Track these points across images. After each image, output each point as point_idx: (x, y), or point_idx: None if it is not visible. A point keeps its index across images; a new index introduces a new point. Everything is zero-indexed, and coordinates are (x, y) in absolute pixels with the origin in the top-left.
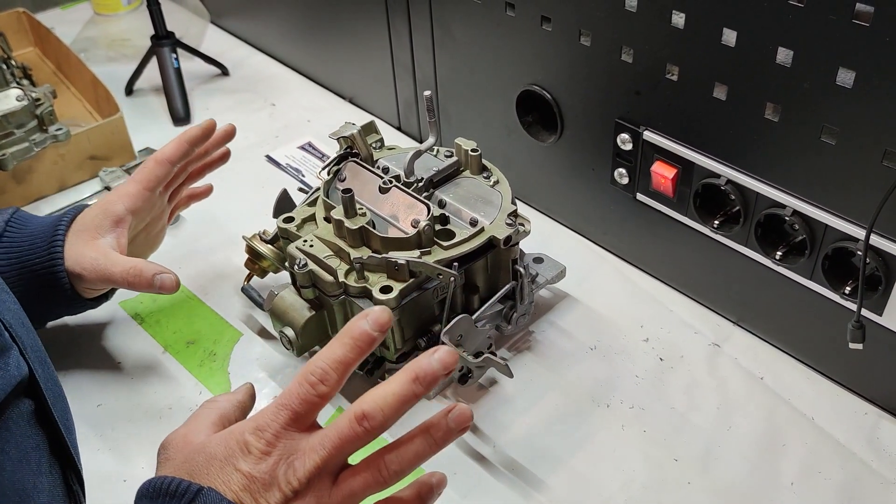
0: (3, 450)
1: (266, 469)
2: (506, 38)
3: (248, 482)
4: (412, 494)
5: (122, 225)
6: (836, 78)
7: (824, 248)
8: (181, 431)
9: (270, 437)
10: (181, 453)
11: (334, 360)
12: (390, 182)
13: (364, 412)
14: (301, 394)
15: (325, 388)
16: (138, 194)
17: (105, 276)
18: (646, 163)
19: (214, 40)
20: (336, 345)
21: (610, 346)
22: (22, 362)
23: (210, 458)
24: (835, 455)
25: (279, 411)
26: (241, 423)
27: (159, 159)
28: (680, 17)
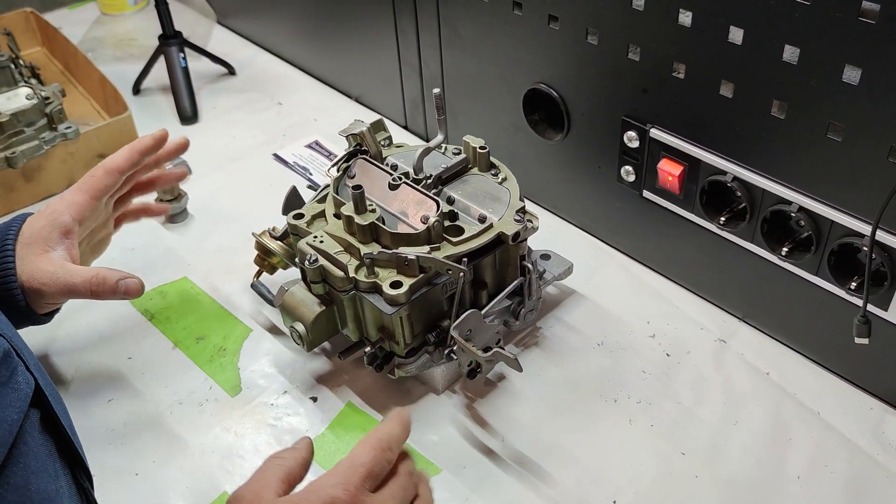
0: (25, 465)
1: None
2: (513, 37)
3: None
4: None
5: (71, 236)
6: (843, 75)
7: (830, 243)
8: (252, 488)
9: (353, 489)
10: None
11: (395, 436)
12: (400, 179)
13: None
14: (376, 457)
15: (391, 455)
16: (85, 203)
17: (67, 289)
18: (652, 160)
19: (221, 40)
20: (394, 425)
21: (617, 342)
22: (29, 376)
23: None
24: (841, 449)
25: (358, 468)
26: (319, 481)
27: (109, 169)
28: (687, 15)
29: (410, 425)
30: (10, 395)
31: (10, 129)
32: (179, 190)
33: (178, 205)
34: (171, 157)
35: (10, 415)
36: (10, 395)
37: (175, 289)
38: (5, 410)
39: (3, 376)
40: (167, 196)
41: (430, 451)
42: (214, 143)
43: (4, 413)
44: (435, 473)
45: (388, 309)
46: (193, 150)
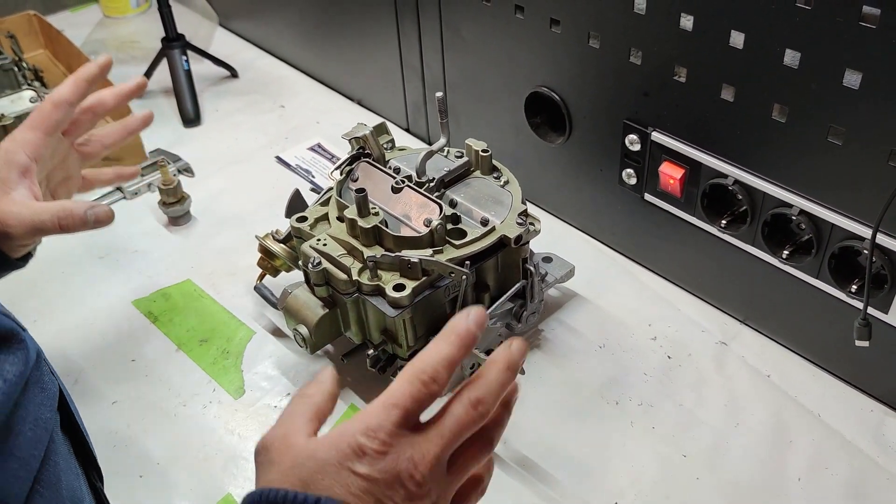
0: (55, 463)
1: (385, 468)
2: (515, 41)
3: (368, 485)
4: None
5: (30, 174)
6: (843, 79)
7: (831, 246)
8: (279, 432)
9: (385, 436)
10: (287, 457)
11: (443, 358)
12: (403, 182)
13: (479, 398)
14: (413, 393)
15: (436, 387)
16: (38, 140)
17: (35, 227)
18: (654, 163)
19: (223, 42)
20: (443, 344)
21: (618, 345)
22: (52, 378)
23: (322, 464)
24: (841, 451)
25: (390, 410)
26: (348, 424)
27: (56, 101)
28: (688, 19)
29: (474, 336)
30: (41, 395)
31: None
32: (182, 192)
33: (181, 207)
34: (126, 99)
35: (43, 413)
36: (41, 395)
37: (178, 291)
38: (38, 409)
39: (35, 376)
40: (170, 198)
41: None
42: (217, 145)
43: (39, 412)
44: None
45: (391, 311)
46: (196, 152)
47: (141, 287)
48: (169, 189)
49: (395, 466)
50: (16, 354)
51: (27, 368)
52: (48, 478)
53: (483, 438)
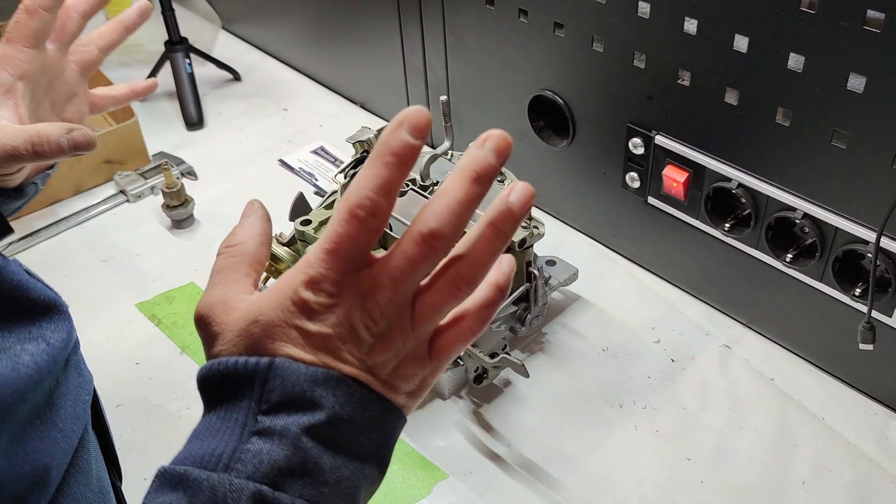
0: (88, 450)
1: (338, 321)
2: (518, 44)
3: (322, 341)
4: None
5: (13, 94)
6: (847, 83)
7: (834, 250)
8: (215, 295)
9: (329, 287)
10: (229, 325)
11: (379, 184)
12: (407, 185)
13: (431, 230)
14: (351, 233)
15: (374, 221)
16: (17, 54)
17: (7, 153)
18: (657, 167)
19: (226, 46)
20: (376, 166)
21: (622, 348)
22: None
23: (268, 326)
24: (845, 455)
25: (330, 258)
26: (287, 276)
27: (30, 8)
28: (692, 23)
29: (413, 148)
30: (79, 379)
31: None
32: (186, 195)
33: (185, 210)
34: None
35: (81, 395)
36: (79, 379)
37: (182, 294)
38: (78, 391)
39: (74, 360)
40: (174, 202)
41: (437, 457)
42: (220, 148)
43: (78, 393)
44: (442, 478)
45: None
46: (199, 155)
47: (144, 290)
48: (172, 192)
49: (349, 318)
50: (57, 324)
51: (70, 340)
52: (81, 464)
53: (449, 283)
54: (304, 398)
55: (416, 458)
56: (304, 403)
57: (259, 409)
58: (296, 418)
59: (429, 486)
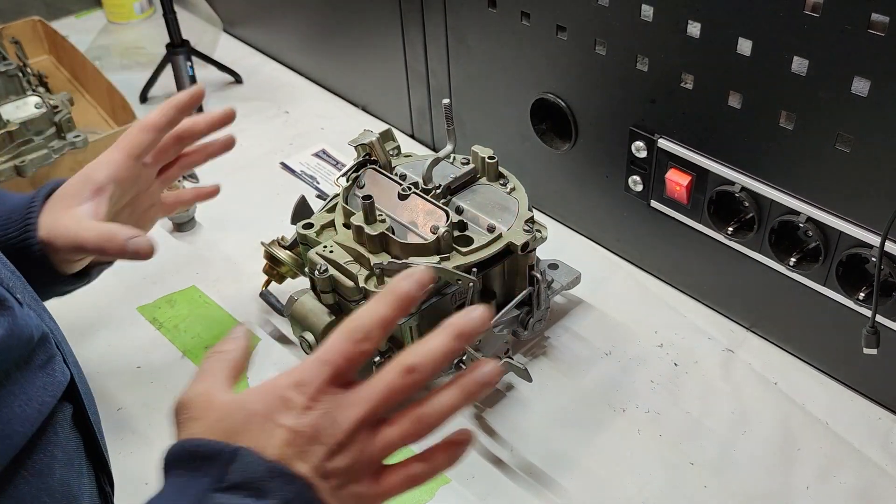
0: (52, 454)
1: (309, 423)
2: (521, 47)
3: (291, 437)
4: (442, 449)
5: (103, 193)
6: (852, 87)
7: (838, 254)
8: (199, 389)
9: (313, 391)
10: (211, 412)
11: (378, 318)
12: (409, 189)
13: (413, 364)
14: (345, 351)
15: (368, 346)
16: (120, 161)
17: (77, 242)
18: (660, 170)
19: (227, 48)
20: (380, 303)
21: (625, 352)
22: (65, 368)
23: (250, 415)
24: (849, 460)
25: (322, 367)
26: (280, 377)
27: (143, 126)
28: (695, 26)
29: (412, 298)
30: (45, 379)
31: (20, 137)
32: None
33: (186, 213)
34: (215, 127)
35: (42, 396)
36: (45, 379)
37: (184, 297)
38: (38, 391)
39: (41, 360)
40: None
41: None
42: None
43: (37, 393)
44: (444, 483)
45: None
46: None
47: (146, 293)
48: None
49: (318, 423)
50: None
51: (13, 337)
52: (38, 466)
53: (411, 420)
54: (258, 486)
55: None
56: (258, 491)
57: (217, 486)
58: (246, 501)
59: (431, 490)
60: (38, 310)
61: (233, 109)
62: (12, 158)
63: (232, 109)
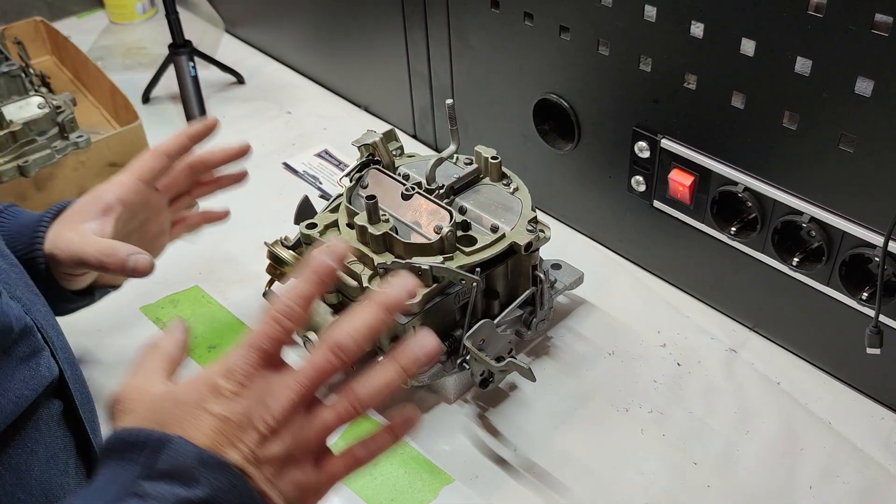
0: (32, 450)
1: (240, 409)
2: (524, 48)
3: (221, 424)
4: (386, 431)
5: (110, 213)
6: (855, 87)
7: (841, 254)
8: (133, 382)
9: (241, 377)
10: (144, 404)
11: (297, 295)
12: (413, 189)
13: (338, 342)
14: (268, 332)
15: (289, 324)
16: (130, 184)
17: (78, 257)
18: (663, 170)
19: (229, 49)
20: (299, 280)
21: (627, 352)
22: (53, 364)
23: (179, 404)
24: (852, 459)
25: (248, 352)
26: (208, 367)
27: (156, 152)
28: (699, 27)
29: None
30: (25, 373)
31: (23, 137)
32: None
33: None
34: (229, 160)
35: (19, 390)
36: (25, 373)
37: (186, 297)
38: (16, 384)
39: (22, 352)
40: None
41: (443, 461)
42: None
43: (13, 385)
44: (448, 482)
45: (401, 318)
46: None
47: (149, 293)
48: None
49: (248, 409)
50: None
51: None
52: (15, 462)
53: (343, 399)
54: (187, 474)
55: (422, 462)
56: (187, 479)
57: (144, 473)
58: (175, 489)
59: (435, 490)
60: (28, 303)
61: (248, 144)
62: (15, 159)
63: (248, 144)
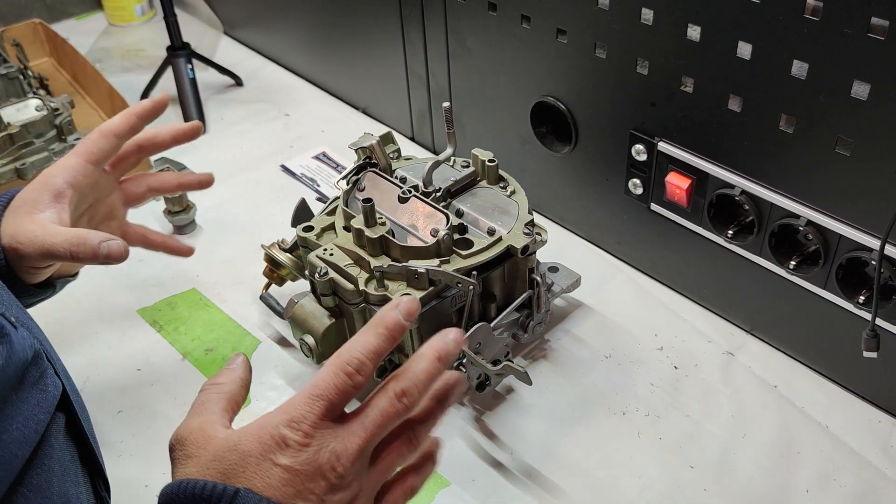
0: (49, 467)
1: (307, 459)
2: (521, 50)
3: (289, 476)
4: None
5: (63, 199)
6: (851, 90)
7: (838, 257)
8: (194, 424)
9: (308, 428)
10: (206, 450)
11: (369, 350)
12: (410, 192)
13: (404, 390)
14: (338, 384)
15: (360, 378)
16: (78, 167)
17: (45, 249)
18: (660, 173)
19: (228, 51)
20: (370, 335)
21: (625, 355)
22: (57, 381)
23: (244, 455)
24: (849, 463)
25: (314, 402)
26: (271, 415)
27: (103, 131)
28: (695, 30)
29: (402, 328)
30: (38, 396)
31: (20, 140)
32: (188, 201)
33: (186, 216)
34: (178, 140)
35: (37, 415)
36: (38, 396)
37: (184, 300)
38: (33, 410)
39: (33, 377)
40: (175, 207)
41: (439, 464)
42: (222, 154)
43: (32, 412)
44: (444, 486)
45: None
46: (201, 161)
47: (146, 296)
48: (174, 198)
49: (317, 458)
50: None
51: (9, 366)
52: (37, 482)
53: (408, 433)
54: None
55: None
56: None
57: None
58: None
59: (431, 493)
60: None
61: (199, 124)
62: (13, 161)
63: (199, 124)
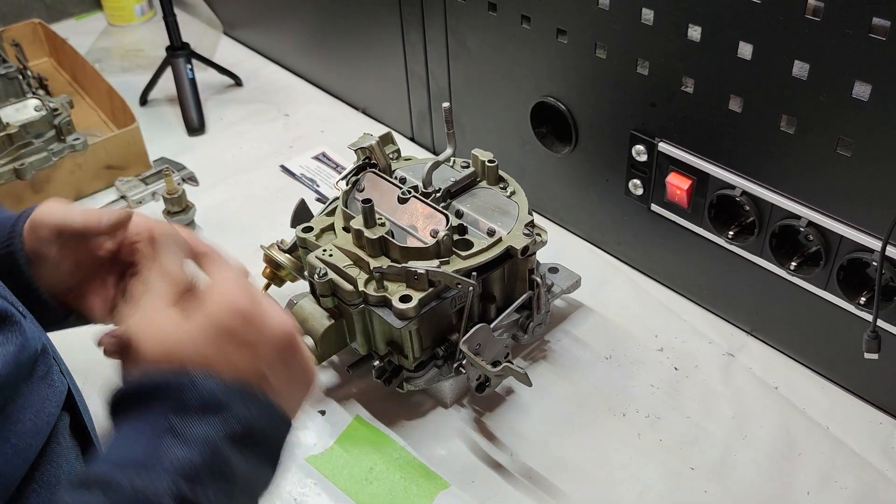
0: (57, 464)
1: None
2: (521, 51)
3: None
4: None
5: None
6: (853, 91)
7: (839, 258)
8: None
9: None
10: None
11: None
12: (409, 192)
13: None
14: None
15: None
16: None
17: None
18: (661, 174)
19: (228, 51)
20: None
21: (625, 356)
22: (62, 378)
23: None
24: (850, 464)
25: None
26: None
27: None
28: (696, 30)
29: None
30: (47, 390)
31: (19, 140)
32: (187, 201)
33: (186, 216)
34: None
35: (47, 408)
36: (47, 390)
37: None
38: (44, 403)
39: (42, 371)
40: (175, 207)
41: (439, 465)
42: (221, 154)
43: (43, 405)
44: (443, 488)
45: (397, 323)
46: (201, 161)
47: None
48: (173, 198)
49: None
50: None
51: (24, 353)
52: (47, 478)
53: None
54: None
55: (418, 467)
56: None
57: (178, 414)
58: (214, 424)
59: (430, 495)
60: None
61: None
62: (12, 161)
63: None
